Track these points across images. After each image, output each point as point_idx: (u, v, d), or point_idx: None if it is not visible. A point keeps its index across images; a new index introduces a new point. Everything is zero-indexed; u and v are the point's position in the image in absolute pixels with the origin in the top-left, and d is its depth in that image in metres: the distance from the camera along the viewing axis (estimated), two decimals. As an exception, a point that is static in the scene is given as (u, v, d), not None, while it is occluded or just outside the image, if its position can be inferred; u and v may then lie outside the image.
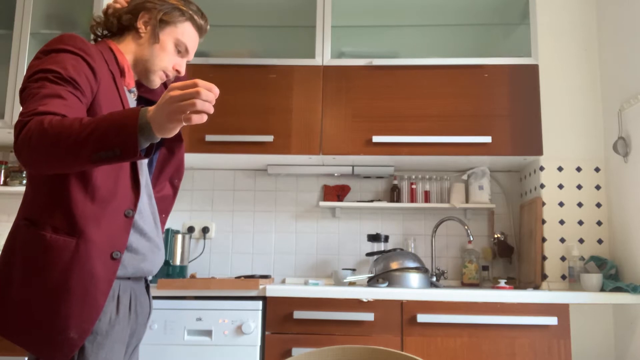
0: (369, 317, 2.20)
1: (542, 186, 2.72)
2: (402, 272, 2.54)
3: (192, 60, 1.64)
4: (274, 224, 3.01)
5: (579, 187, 2.71)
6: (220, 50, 2.86)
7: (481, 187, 2.83)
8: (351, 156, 2.68)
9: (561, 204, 2.70)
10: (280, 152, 2.65)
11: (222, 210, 3.03)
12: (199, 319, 2.19)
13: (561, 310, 2.19)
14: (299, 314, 2.20)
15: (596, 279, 2.35)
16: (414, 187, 2.93)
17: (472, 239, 2.76)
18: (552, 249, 2.67)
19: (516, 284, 2.82)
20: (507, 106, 2.64)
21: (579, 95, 2.80)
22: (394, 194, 2.92)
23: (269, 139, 2.65)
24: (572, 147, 2.76)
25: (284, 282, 2.94)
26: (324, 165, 2.89)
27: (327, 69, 2.71)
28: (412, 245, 2.90)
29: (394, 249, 2.72)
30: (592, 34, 2.84)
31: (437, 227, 2.88)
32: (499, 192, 2.97)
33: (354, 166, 2.88)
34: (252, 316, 2.20)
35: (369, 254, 2.81)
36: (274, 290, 2.22)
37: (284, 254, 2.98)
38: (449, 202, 2.90)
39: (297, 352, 2.17)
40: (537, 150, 2.60)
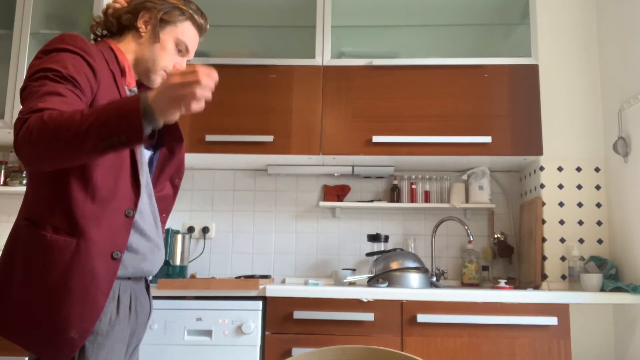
0: (369, 317, 2.20)
1: (542, 186, 2.72)
2: (402, 272, 2.54)
3: (192, 60, 1.64)
4: (274, 224, 3.01)
5: (579, 187, 2.71)
6: (220, 50, 2.86)
7: (481, 187, 2.83)
8: (351, 156, 2.68)
9: (561, 204, 2.70)
10: (280, 152, 2.65)
11: (222, 210, 3.03)
12: (199, 319, 2.19)
13: (561, 310, 2.19)
14: (299, 314, 2.20)
15: (596, 279, 2.35)
16: (414, 187, 2.93)
17: (472, 239, 2.76)
18: (552, 249, 2.67)
19: (516, 284, 2.82)
20: (507, 106, 2.64)
21: (579, 95, 2.80)
22: (394, 194, 2.92)
23: (269, 139, 2.65)
24: (572, 147, 2.76)
25: (284, 282, 2.94)
26: (324, 165, 2.89)
27: (327, 69, 2.71)
28: (412, 245, 2.90)
29: (394, 249, 2.72)
30: (592, 34, 2.85)
31: (437, 227, 2.88)
32: (499, 192, 2.97)
33: (354, 166, 2.88)
34: (252, 316, 2.20)
35: (369, 254, 2.81)
36: (274, 290, 2.22)
37: (284, 254, 2.98)
38: (449, 202, 2.90)
39: (297, 352, 2.17)
40: (537, 150, 2.60)
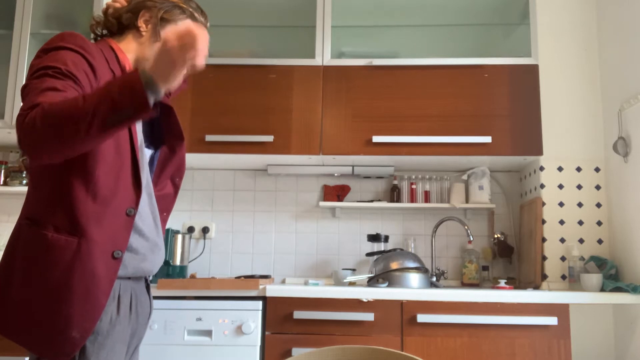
0: (369, 317, 2.20)
1: (542, 186, 2.72)
2: (402, 272, 2.54)
3: (193, 59, 1.64)
4: (274, 224, 3.01)
5: (579, 187, 2.71)
6: (220, 50, 2.85)
7: (481, 187, 2.83)
8: (351, 156, 2.68)
9: (561, 204, 2.70)
10: (280, 152, 2.65)
11: (222, 210, 3.03)
12: (199, 319, 2.19)
13: (561, 310, 2.19)
14: (299, 314, 2.20)
15: (596, 279, 2.35)
16: (414, 187, 2.93)
17: (472, 239, 2.76)
18: (552, 249, 2.67)
19: (516, 284, 2.82)
20: (507, 106, 2.64)
21: (579, 95, 2.80)
22: (394, 194, 2.92)
23: (269, 139, 2.65)
24: (572, 147, 2.76)
25: (284, 282, 2.94)
26: (324, 165, 2.89)
27: (327, 69, 2.71)
28: (412, 245, 2.90)
29: (394, 249, 2.72)
30: (592, 34, 2.85)
31: (437, 227, 2.88)
32: (499, 192, 2.97)
33: (354, 166, 2.88)
34: (252, 316, 2.20)
35: (369, 254, 2.81)
36: (274, 290, 2.22)
37: (284, 254, 2.97)
38: (449, 202, 2.90)
39: (297, 352, 2.17)
40: (537, 150, 2.60)
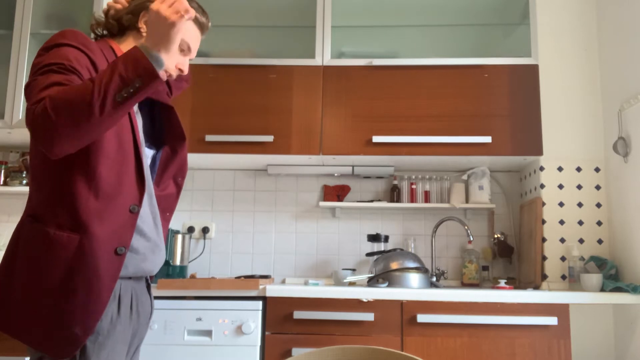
0: (369, 317, 2.20)
1: (542, 186, 2.72)
2: (402, 272, 2.54)
3: (193, 60, 1.64)
4: (274, 224, 3.01)
5: (579, 187, 2.71)
6: (220, 50, 2.85)
7: (481, 187, 2.83)
8: (351, 156, 2.68)
9: (561, 204, 2.70)
10: (280, 152, 2.65)
11: (222, 210, 3.03)
12: (199, 319, 2.19)
13: (561, 310, 2.19)
14: (299, 314, 2.20)
15: (596, 279, 2.35)
16: (414, 187, 2.93)
17: (472, 239, 2.76)
18: (552, 249, 2.67)
19: (516, 284, 2.82)
20: (507, 106, 2.64)
21: (579, 95, 2.80)
22: (394, 194, 2.92)
23: (269, 139, 2.65)
24: (572, 147, 2.76)
25: (284, 282, 2.94)
26: (324, 165, 2.89)
27: (327, 69, 2.71)
28: (412, 245, 2.90)
29: (394, 249, 2.72)
30: (592, 34, 2.85)
31: (437, 227, 2.88)
32: (499, 192, 2.97)
33: (354, 166, 2.88)
34: (252, 316, 2.20)
35: (369, 254, 2.81)
36: (274, 290, 2.22)
37: (284, 254, 2.98)
38: (449, 202, 2.90)
39: (297, 352, 2.17)
40: (537, 150, 2.60)
